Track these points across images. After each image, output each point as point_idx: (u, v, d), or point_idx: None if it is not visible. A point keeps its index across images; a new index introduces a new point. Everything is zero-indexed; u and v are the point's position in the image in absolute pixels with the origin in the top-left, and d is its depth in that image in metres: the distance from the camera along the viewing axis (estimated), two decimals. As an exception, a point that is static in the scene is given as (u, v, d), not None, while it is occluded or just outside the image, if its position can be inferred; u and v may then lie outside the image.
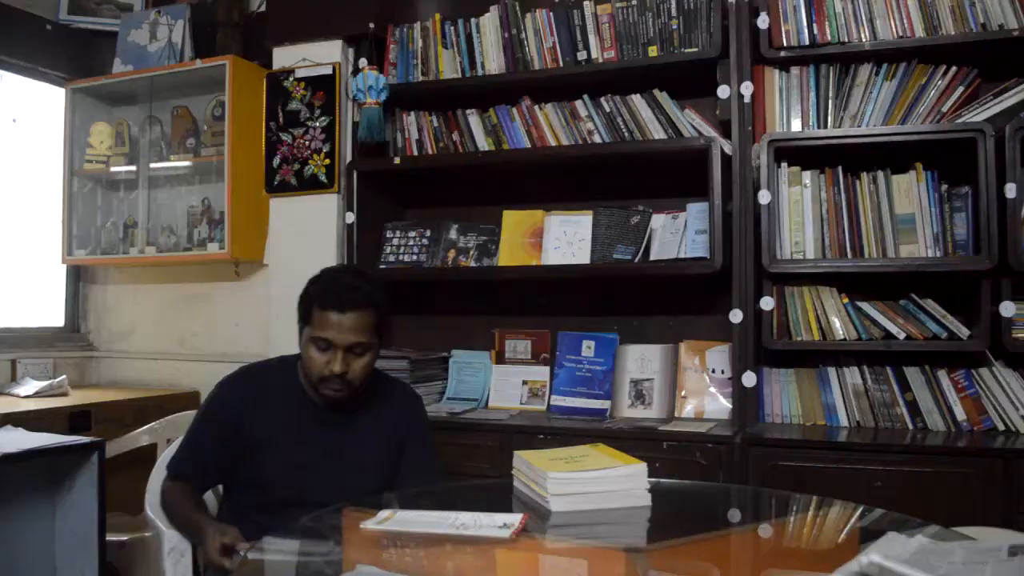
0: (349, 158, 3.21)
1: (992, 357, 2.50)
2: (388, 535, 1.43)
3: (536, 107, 3.01)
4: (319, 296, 1.96)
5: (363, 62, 3.15)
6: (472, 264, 3.09)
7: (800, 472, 2.38)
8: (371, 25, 3.15)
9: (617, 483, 1.56)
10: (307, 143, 3.23)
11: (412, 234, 3.20)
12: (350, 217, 3.14)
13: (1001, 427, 2.48)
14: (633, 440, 2.53)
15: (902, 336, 2.51)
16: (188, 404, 3.44)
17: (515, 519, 1.42)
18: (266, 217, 3.38)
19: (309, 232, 3.23)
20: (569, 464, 1.59)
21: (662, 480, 1.72)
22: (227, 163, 3.32)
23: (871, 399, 2.60)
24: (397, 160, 3.12)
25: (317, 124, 3.22)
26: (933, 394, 2.54)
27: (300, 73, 3.25)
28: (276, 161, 3.27)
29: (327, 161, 3.19)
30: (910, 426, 2.56)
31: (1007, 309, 2.39)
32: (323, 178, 3.20)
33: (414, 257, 3.15)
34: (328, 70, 3.21)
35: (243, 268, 3.60)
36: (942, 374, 2.55)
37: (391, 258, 3.19)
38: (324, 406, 2.02)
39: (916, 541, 1.19)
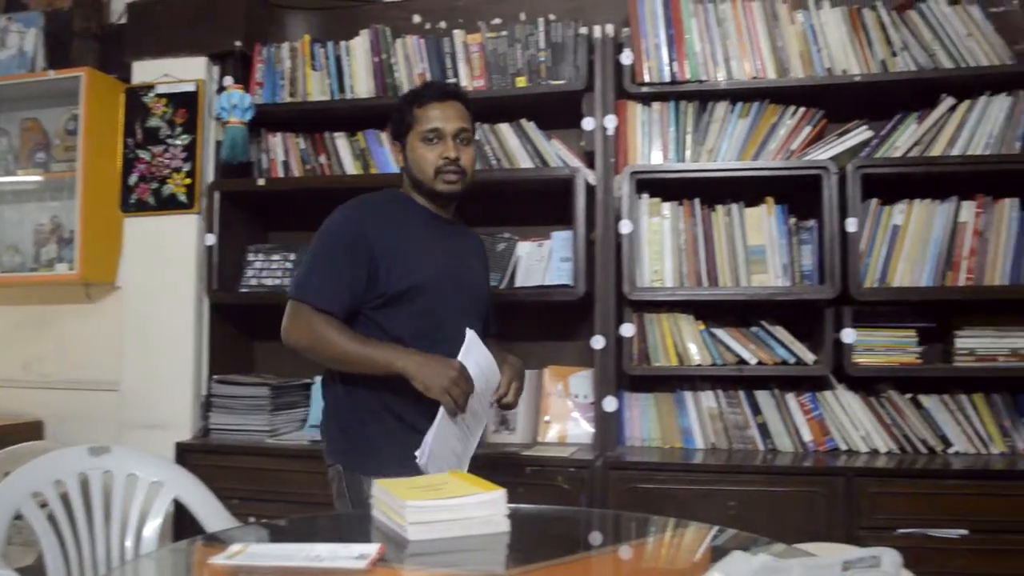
0: (211, 178, 3.11)
1: (835, 381, 2.65)
2: (240, 570, 1.38)
3: (405, 132, 3.00)
4: (418, 96, 2.07)
5: (228, 80, 3.07)
6: (338, 288, 3.04)
7: (658, 494, 2.45)
8: (237, 43, 3.07)
9: (476, 510, 1.56)
10: (167, 161, 3.10)
11: (276, 257, 3.13)
12: (210, 239, 3.04)
13: (843, 447, 2.62)
14: (497, 466, 2.54)
15: (754, 361, 2.63)
16: (31, 434, 3.23)
17: (372, 549, 1.40)
18: (120, 237, 3.22)
19: (166, 254, 3.10)
20: (428, 492, 1.58)
21: (522, 506, 1.72)
22: (79, 179, 3.16)
23: (725, 422, 2.70)
24: (261, 181, 3.05)
25: (178, 142, 3.11)
26: (782, 416, 2.67)
27: (161, 89, 3.13)
28: (133, 179, 3.13)
29: (187, 180, 3.07)
30: (761, 447, 2.67)
31: (848, 336, 2.53)
32: (182, 198, 3.08)
33: (277, 281, 3.07)
34: (191, 87, 3.11)
35: (94, 290, 3.43)
36: (790, 397, 2.67)
37: (253, 281, 3.10)
38: (441, 204, 2.10)
39: (759, 559, 1.24)
